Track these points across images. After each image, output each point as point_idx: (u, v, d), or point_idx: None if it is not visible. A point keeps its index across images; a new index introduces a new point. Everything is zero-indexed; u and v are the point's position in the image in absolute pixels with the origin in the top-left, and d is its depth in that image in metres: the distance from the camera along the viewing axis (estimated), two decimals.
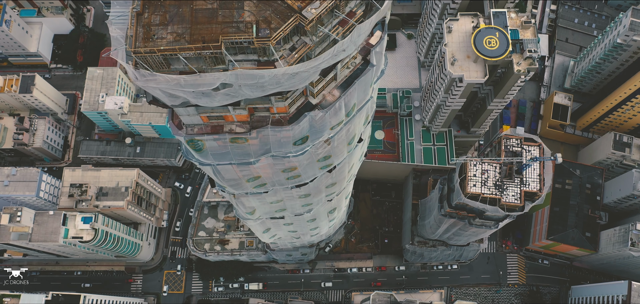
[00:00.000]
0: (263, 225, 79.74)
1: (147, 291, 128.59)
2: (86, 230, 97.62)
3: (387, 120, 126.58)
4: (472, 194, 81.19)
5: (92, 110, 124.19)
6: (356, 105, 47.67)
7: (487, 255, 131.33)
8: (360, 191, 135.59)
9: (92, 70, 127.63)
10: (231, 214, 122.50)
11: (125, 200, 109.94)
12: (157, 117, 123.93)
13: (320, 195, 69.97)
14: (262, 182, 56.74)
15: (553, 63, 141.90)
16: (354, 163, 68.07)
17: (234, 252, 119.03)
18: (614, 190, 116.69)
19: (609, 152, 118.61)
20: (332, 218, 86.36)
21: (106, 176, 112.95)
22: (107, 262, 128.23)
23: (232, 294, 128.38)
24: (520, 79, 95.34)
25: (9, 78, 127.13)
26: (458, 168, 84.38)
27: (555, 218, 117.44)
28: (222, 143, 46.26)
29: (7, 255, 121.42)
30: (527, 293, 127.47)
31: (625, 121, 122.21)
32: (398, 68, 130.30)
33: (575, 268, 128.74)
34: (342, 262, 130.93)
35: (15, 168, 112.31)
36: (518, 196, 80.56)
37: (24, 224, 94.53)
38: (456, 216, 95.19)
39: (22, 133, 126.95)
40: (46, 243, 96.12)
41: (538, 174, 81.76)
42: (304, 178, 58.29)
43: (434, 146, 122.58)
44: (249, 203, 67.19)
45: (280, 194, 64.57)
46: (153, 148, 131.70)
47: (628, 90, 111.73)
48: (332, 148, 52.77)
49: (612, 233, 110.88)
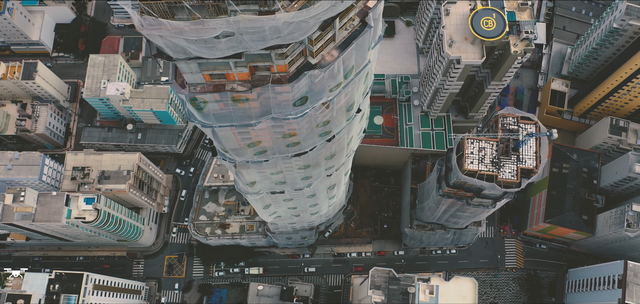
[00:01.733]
0: (263, 201, 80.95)
1: (148, 276, 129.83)
2: (89, 210, 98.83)
3: (386, 105, 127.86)
4: (469, 171, 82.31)
5: (93, 97, 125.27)
6: (354, 69, 48.92)
7: (485, 240, 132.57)
8: (360, 177, 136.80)
9: (94, 57, 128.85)
10: (232, 198, 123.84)
11: (127, 184, 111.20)
12: (158, 102, 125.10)
13: (319, 168, 71.21)
14: (263, 149, 57.96)
15: (550, 51, 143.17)
16: (353, 136, 69.26)
17: (234, 236, 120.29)
18: (610, 173, 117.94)
19: (606, 136, 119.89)
20: (331, 194, 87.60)
21: (108, 160, 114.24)
22: (109, 247, 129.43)
23: (233, 279, 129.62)
24: (516, 60, 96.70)
25: (12, 65, 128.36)
26: (455, 145, 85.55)
27: (552, 202, 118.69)
28: (224, 105, 47.49)
29: (10, 239, 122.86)
30: (525, 277, 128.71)
31: (622, 106, 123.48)
32: (397, 54, 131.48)
33: (573, 253, 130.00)
34: (341, 247, 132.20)
35: (18, 153, 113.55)
36: (514, 173, 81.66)
37: (27, 204, 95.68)
38: (454, 196, 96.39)
39: (24, 120, 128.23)
40: (49, 223, 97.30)
41: (534, 151, 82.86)
42: (303, 146, 59.52)
43: (432, 131, 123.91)
44: (249, 175, 68.46)
45: (280, 165, 65.83)
46: (154, 134, 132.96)
47: (624, 74, 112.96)
48: (331, 113, 53.99)
49: (608, 215, 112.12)
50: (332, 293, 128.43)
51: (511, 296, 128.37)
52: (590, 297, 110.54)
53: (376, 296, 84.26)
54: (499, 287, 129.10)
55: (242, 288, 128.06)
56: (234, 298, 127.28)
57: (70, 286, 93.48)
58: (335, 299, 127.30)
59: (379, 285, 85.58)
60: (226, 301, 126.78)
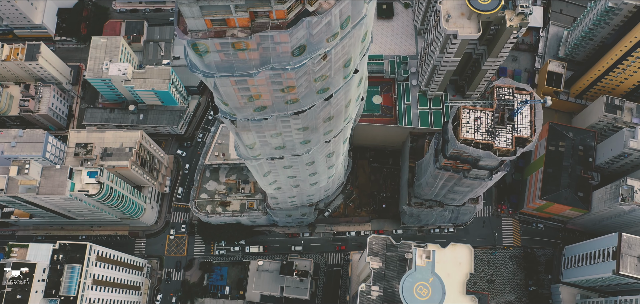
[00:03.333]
0: (262, 167, 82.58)
1: (150, 254, 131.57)
2: (92, 183, 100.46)
3: (384, 85, 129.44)
4: (466, 140, 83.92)
5: (96, 77, 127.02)
6: (351, 19, 50.57)
7: (482, 219, 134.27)
8: (359, 158, 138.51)
9: (96, 39, 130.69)
10: (232, 177, 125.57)
11: (129, 160, 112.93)
12: (159, 83, 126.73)
13: (318, 133, 72.81)
14: (262, 105, 59.59)
15: (547, 34, 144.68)
16: (351, 99, 70.80)
17: (235, 213, 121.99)
18: (605, 150, 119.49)
19: (601, 115, 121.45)
20: (330, 163, 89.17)
21: (110, 137, 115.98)
22: (111, 225, 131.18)
23: (234, 257, 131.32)
24: (512, 35, 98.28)
25: (15, 46, 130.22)
26: (452, 115, 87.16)
27: (548, 179, 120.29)
28: (225, 56, 49.28)
29: (14, 217, 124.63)
30: (522, 255, 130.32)
31: (617, 85, 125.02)
32: (395, 36, 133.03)
33: (569, 231, 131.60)
34: (340, 226, 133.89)
35: (22, 130, 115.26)
36: (510, 141, 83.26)
37: (31, 177, 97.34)
38: (451, 168, 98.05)
39: (28, 100, 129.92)
40: (53, 196, 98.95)
41: (529, 120, 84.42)
42: (302, 104, 61.16)
43: (430, 110, 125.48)
44: (249, 137, 70.10)
45: (279, 126, 67.53)
46: (156, 115, 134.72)
47: (619, 52, 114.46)
48: (329, 68, 55.67)
49: (603, 191, 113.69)
50: (332, 271, 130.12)
51: (508, 273, 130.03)
52: (585, 271, 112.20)
53: (374, 263, 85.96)
54: (496, 265, 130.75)
55: (242, 266, 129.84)
56: (235, 276, 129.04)
57: (74, 257, 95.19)
58: (335, 276, 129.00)
59: (376, 252, 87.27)
60: (227, 279, 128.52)
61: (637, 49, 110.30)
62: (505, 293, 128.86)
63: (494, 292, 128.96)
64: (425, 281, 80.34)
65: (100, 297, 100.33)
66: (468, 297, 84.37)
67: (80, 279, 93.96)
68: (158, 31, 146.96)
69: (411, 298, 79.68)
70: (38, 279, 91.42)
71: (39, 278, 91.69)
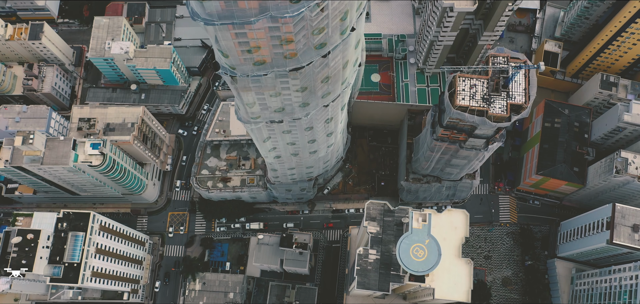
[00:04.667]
0: (262, 132, 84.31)
1: (152, 231, 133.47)
2: (95, 155, 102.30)
3: (382, 64, 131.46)
4: (461, 106, 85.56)
5: (98, 57, 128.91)
6: None
7: (479, 196, 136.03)
8: (358, 137, 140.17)
9: (99, 19, 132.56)
10: (233, 153, 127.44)
11: (131, 135, 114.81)
12: (161, 61, 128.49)
13: (316, 95, 74.55)
14: (261, 60, 61.38)
15: (544, 16, 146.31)
16: (349, 61, 72.52)
17: (235, 189, 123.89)
18: (600, 126, 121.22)
19: (596, 92, 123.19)
20: (329, 131, 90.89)
21: (113, 112, 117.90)
22: (113, 203, 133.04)
23: (234, 234, 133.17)
24: (508, 8, 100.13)
25: (18, 26, 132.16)
26: (448, 83, 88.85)
27: (544, 155, 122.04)
28: (225, 5, 51.11)
29: (18, 193, 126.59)
30: (519, 231, 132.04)
31: (612, 64, 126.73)
32: (394, 15, 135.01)
33: (565, 208, 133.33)
34: (340, 203, 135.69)
35: (26, 106, 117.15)
36: (504, 108, 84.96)
37: (36, 147, 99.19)
38: (447, 139, 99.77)
39: (31, 79, 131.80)
40: (57, 166, 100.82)
41: (523, 88, 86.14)
42: (300, 60, 62.90)
43: (428, 87, 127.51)
44: (248, 97, 71.87)
45: (278, 86, 69.33)
46: (157, 94, 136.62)
47: (613, 28, 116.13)
48: (327, 23, 57.45)
49: (598, 165, 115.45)
50: (331, 247, 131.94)
51: (505, 249, 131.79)
52: (580, 243, 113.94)
53: (371, 227, 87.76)
54: (494, 241, 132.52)
55: (243, 242, 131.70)
56: (236, 252, 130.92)
57: (78, 225, 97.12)
58: (334, 252, 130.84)
59: (374, 217, 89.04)
60: (228, 255, 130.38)
61: (631, 25, 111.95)
62: (502, 268, 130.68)
63: (491, 267, 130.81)
64: (422, 242, 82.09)
65: (103, 266, 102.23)
66: (463, 259, 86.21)
67: (84, 246, 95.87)
68: (159, 13, 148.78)
69: (407, 259, 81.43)
70: (42, 246, 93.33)
71: (43, 244, 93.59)
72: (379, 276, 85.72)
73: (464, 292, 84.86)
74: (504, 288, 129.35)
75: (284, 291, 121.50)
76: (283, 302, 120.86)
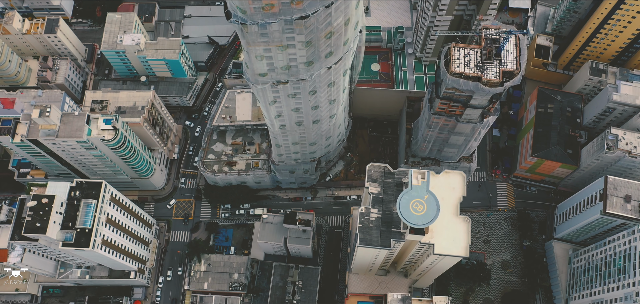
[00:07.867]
0: (268, 94, 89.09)
1: (158, 218, 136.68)
2: (108, 130, 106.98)
3: (382, 54, 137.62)
4: (456, 73, 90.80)
5: (110, 49, 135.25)
6: None
7: (477, 183, 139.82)
8: (359, 128, 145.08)
9: (111, 15, 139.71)
10: (238, 139, 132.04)
11: (141, 117, 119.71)
12: (170, 53, 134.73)
13: (320, 53, 79.72)
14: (270, 7, 66.88)
15: (535, 14, 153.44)
16: (350, 19, 78.01)
17: (240, 173, 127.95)
18: (591, 109, 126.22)
19: (587, 79, 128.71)
20: (331, 98, 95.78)
21: (125, 96, 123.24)
22: (121, 190, 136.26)
23: (239, 220, 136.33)
24: None
25: (35, 21, 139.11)
26: (443, 53, 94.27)
27: (539, 138, 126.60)
28: None
29: (30, 177, 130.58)
30: (516, 216, 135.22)
31: (601, 53, 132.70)
32: (392, 9, 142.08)
33: (560, 193, 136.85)
34: (341, 190, 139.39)
35: (41, 90, 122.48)
36: (497, 74, 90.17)
37: (52, 121, 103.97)
38: (444, 113, 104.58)
39: (45, 71, 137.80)
40: (71, 139, 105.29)
41: (515, 56, 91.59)
42: (306, 9, 68.37)
43: (425, 75, 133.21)
44: (257, 51, 77.08)
45: (284, 40, 74.64)
46: (166, 86, 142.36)
47: (600, 16, 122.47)
48: None
49: (591, 145, 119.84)
50: (333, 232, 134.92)
51: (503, 234, 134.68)
52: (576, 220, 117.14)
53: (373, 188, 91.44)
54: (492, 226, 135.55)
55: (247, 228, 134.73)
56: (240, 237, 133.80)
57: (90, 193, 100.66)
58: (336, 237, 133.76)
59: (375, 178, 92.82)
60: (232, 240, 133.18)
61: (616, 12, 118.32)
62: (501, 252, 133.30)
63: (490, 251, 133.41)
64: (421, 198, 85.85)
65: (112, 237, 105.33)
66: (461, 216, 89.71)
67: (96, 213, 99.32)
68: (169, 13, 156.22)
69: (407, 214, 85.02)
70: (56, 211, 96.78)
71: (57, 210, 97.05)
72: (381, 233, 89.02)
73: (463, 248, 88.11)
74: (503, 271, 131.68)
75: (287, 271, 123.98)
76: (287, 282, 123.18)
